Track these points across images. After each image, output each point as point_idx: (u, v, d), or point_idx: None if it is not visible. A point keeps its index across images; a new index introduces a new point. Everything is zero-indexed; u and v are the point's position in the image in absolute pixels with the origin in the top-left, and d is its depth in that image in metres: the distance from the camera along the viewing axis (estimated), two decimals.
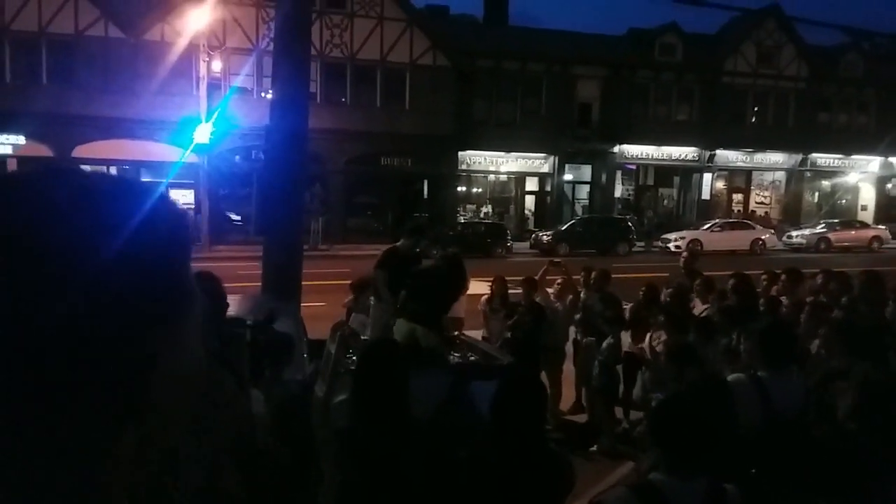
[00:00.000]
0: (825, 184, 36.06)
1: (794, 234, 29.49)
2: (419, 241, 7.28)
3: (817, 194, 36.28)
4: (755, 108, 33.91)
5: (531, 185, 32.18)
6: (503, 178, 31.92)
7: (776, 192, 35.61)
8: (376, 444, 2.68)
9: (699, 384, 3.60)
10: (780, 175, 35.19)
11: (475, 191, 31.80)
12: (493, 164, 30.81)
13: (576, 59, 30.49)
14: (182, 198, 27.14)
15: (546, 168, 31.41)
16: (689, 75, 32.33)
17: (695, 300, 6.90)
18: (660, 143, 31.94)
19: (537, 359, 6.67)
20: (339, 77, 27.59)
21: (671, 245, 26.38)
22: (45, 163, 23.32)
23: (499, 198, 32.27)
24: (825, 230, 29.23)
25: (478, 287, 8.95)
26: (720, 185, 34.72)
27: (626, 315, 6.94)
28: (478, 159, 30.25)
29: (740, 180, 35.04)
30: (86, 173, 0.55)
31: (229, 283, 3.01)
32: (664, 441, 2.33)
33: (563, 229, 26.49)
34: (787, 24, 32.54)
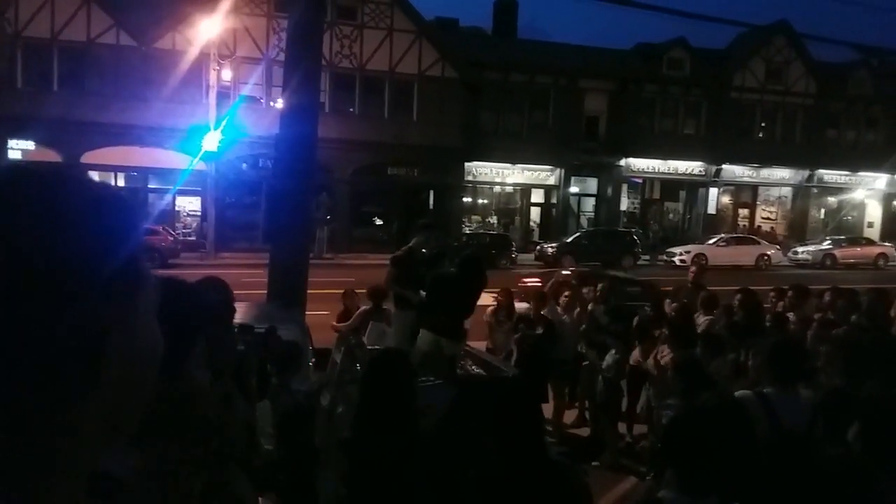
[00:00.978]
0: (831, 200, 35.97)
1: (799, 250, 29.39)
2: (430, 237, 7.35)
3: (823, 210, 36.17)
4: (762, 124, 33.91)
5: (537, 196, 32.20)
6: (509, 189, 31.95)
7: (782, 208, 35.53)
8: (381, 454, 2.68)
9: (713, 402, 3.58)
10: (787, 191, 35.13)
11: (481, 202, 31.83)
12: (500, 175, 30.85)
13: (583, 72, 30.58)
14: (189, 205, 27.32)
15: (552, 180, 31.43)
16: (697, 90, 32.36)
17: (699, 313, 6.88)
18: (666, 157, 31.94)
19: (545, 372, 6.66)
20: (347, 87, 27.74)
21: (676, 259, 26.33)
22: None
23: (504, 209, 32.29)
24: (831, 247, 29.13)
25: (482, 299, 8.92)
26: (726, 199, 34.67)
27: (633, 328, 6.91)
28: (484, 170, 30.30)
29: (746, 195, 34.98)
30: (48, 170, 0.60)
31: (235, 291, 3.01)
32: (677, 459, 2.31)
33: (569, 241, 26.48)
34: (795, 40, 32.58)
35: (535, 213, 32.51)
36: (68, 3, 24.73)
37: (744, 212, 35.00)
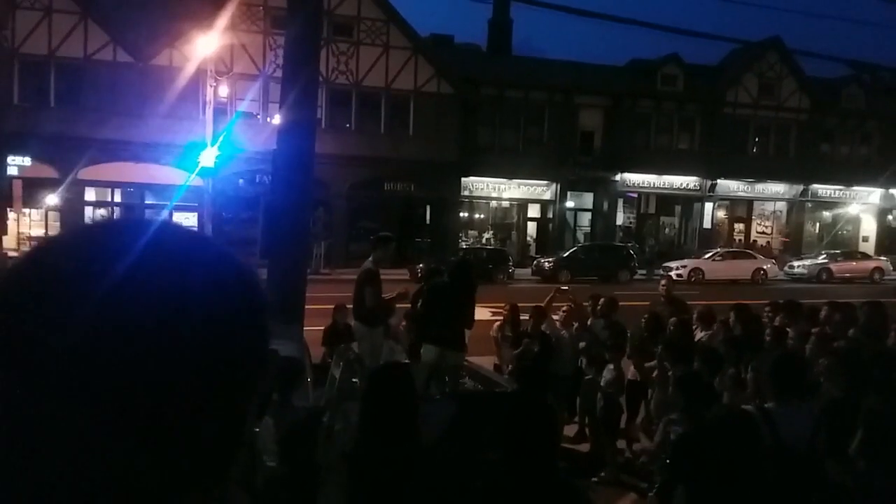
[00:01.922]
0: (826, 214, 36.14)
1: (795, 264, 29.48)
2: (389, 249, 7.39)
3: (818, 225, 36.32)
4: (756, 139, 34.12)
5: (533, 211, 32.29)
6: (505, 204, 32.03)
7: (777, 223, 35.67)
8: (383, 467, 2.67)
9: (720, 416, 3.57)
10: (782, 205, 35.29)
11: (478, 217, 31.89)
12: (496, 190, 30.95)
13: (578, 88, 30.80)
14: (186, 221, 27.29)
15: (548, 195, 31.53)
16: (691, 105, 32.59)
17: (696, 328, 6.91)
18: (661, 172, 32.09)
19: (546, 387, 6.64)
20: (344, 103, 27.86)
21: (673, 273, 26.31)
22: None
23: (501, 224, 32.35)
24: (826, 261, 29.23)
25: (481, 313, 8.92)
26: (721, 214, 34.79)
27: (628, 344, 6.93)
28: (480, 185, 30.39)
29: (741, 210, 35.13)
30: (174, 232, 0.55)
31: None
32: (685, 475, 2.31)
33: (565, 256, 26.53)
34: (788, 56, 32.85)
35: (531, 228, 32.58)
36: (65, 19, 24.86)
37: (739, 226, 35.13)
